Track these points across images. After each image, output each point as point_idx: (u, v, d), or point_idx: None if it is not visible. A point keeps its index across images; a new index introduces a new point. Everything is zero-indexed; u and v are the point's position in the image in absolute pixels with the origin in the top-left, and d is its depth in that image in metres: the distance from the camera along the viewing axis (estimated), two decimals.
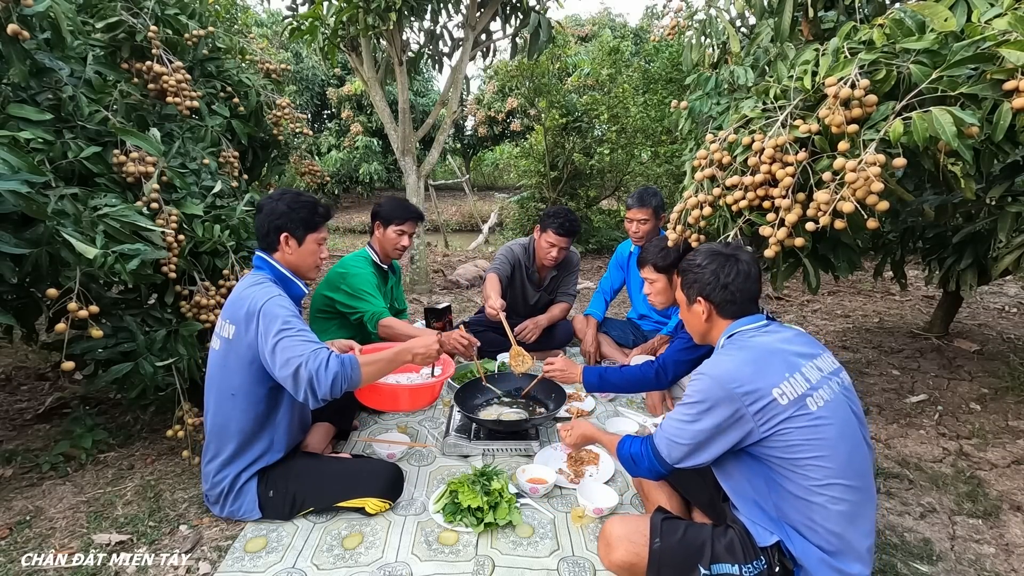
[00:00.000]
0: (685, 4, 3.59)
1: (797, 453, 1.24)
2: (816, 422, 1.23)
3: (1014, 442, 2.44)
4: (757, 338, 1.38)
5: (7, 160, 1.60)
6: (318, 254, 1.90)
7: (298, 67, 13.13)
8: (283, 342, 1.60)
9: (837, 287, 5.34)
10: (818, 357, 1.35)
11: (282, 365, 1.59)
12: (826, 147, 1.61)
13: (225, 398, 1.75)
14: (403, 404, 2.07)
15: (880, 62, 1.54)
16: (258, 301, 1.67)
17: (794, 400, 1.24)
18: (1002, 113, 1.38)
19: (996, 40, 1.37)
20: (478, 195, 13.84)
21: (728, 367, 1.30)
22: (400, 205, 2.73)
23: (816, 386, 1.27)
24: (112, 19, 2.42)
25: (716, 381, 1.29)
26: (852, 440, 1.27)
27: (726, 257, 1.46)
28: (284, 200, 1.82)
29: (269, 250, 1.85)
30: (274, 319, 1.63)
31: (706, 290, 1.46)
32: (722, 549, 1.28)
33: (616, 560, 1.35)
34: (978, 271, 2.83)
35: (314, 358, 1.58)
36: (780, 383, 1.25)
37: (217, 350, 1.77)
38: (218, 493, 1.80)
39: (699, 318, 1.50)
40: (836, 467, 1.22)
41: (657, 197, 2.96)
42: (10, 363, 3.28)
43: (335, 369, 1.59)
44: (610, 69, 7.13)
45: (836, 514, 1.23)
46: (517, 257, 3.26)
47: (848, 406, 1.31)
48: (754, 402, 1.25)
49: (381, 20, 4.12)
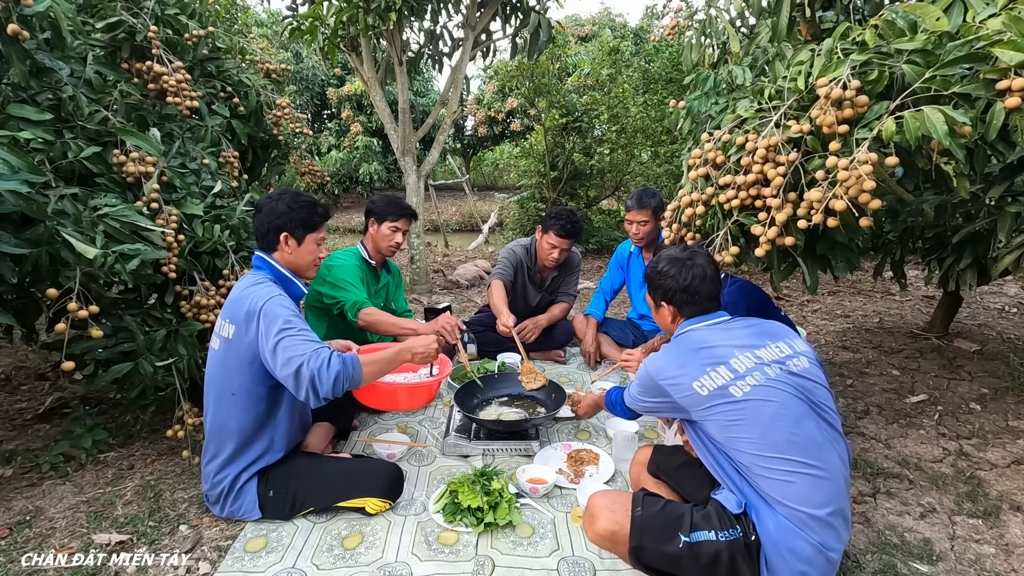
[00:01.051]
0: (685, 4, 3.59)
1: (730, 433, 1.38)
2: (740, 407, 1.35)
3: (1014, 442, 2.44)
4: (696, 335, 1.52)
5: (7, 160, 1.60)
6: (317, 254, 1.91)
7: (298, 67, 13.12)
8: (284, 341, 1.61)
9: (837, 287, 5.34)
10: (763, 347, 1.44)
11: (283, 364, 1.60)
12: (818, 147, 1.61)
13: (225, 398, 1.75)
14: (401, 403, 2.07)
15: (872, 62, 1.54)
16: (258, 300, 1.67)
17: (714, 391, 1.38)
18: (995, 112, 1.38)
19: (990, 40, 1.37)
20: (478, 195, 13.83)
21: (659, 363, 1.51)
22: (393, 202, 2.71)
23: (743, 375, 1.38)
24: (112, 19, 2.42)
25: (648, 372, 1.53)
26: (788, 419, 1.34)
27: (683, 261, 1.59)
28: (284, 200, 1.82)
29: (268, 250, 1.85)
30: (275, 318, 1.64)
31: (668, 294, 1.60)
32: (700, 519, 1.36)
33: (599, 529, 1.43)
34: (978, 271, 2.82)
35: (316, 357, 1.59)
36: (700, 376, 1.40)
37: (216, 350, 1.77)
38: (218, 493, 1.80)
39: (666, 319, 1.67)
40: (771, 445, 1.32)
41: (656, 198, 2.96)
42: (10, 363, 3.28)
43: (337, 368, 1.60)
44: (610, 69, 7.13)
45: (786, 486, 1.30)
46: (519, 258, 3.25)
47: (789, 390, 1.37)
48: (678, 391, 1.44)
49: (381, 20, 4.12)
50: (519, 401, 2.56)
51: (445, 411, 2.63)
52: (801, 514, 1.28)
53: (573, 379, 3.09)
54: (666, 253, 1.65)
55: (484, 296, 5.31)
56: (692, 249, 1.64)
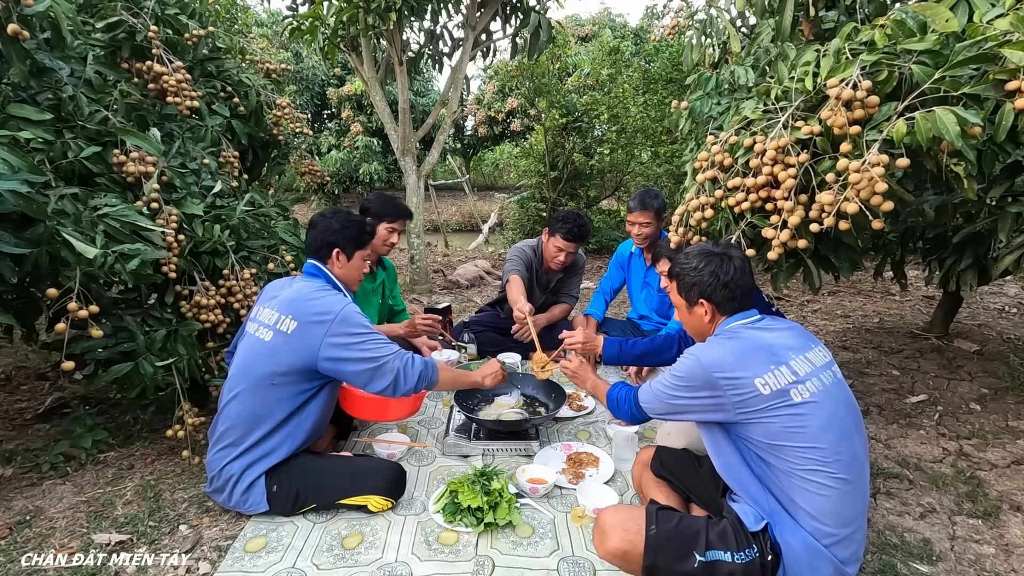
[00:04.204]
0: (685, 4, 3.60)
1: (778, 440, 1.29)
2: (799, 412, 1.28)
3: (1014, 442, 2.44)
4: (748, 331, 1.42)
5: (7, 160, 1.60)
6: (363, 269, 2.07)
7: (298, 67, 13.12)
8: (367, 344, 1.76)
9: (837, 287, 5.34)
10: (810, 351, 1.38)
11: (366, 360, 1.74)
12: (828, 148, 1.60)
13: (263, 387, 1.76)
14: (391, 413, 2.08)
15: (882, 63, 1.54)
16: (334, 305, 1.78)
17: (776, 391, 1.29)
18: (1004, 113, 1.38)
19: (998, 40, 1.37)
20: (478, 195, 13.84)
21: (714, 353, 1.37)
22: (390, 202, 2.71)
23: (803, 379, 1.31)
24: (112, 19, 2.42)
25: (700, 364, 1.37)
26: (838, 432, 1.29)
27: (720, 256, 1.49)
28: (337, 219, 1.98)
29: (321, 261, 1.97)
30: (354, 324, 1.78)
31: (707, 291, 1.48)
32: (715, 537, 1.31)
33: (611, 548, 1.37)
34: (978, 271, 2.82)
35: (400, 356, 1.80)
36: (764, 374, 1.30)
37: (267, 341, 1.78)
38: (226, 481, 1.78)
39: (701, 320, 1.54)
40: (818, 457, 1.26)
41: (659, 199, 2.96)
42: (10, 363, 3.27)
43: (420, 367, 1.83)
44: (610, 69, 7.13)
45: (820, 499, 1.26)
46: (529, 258, 3.25)
47: (839, 400, 1.33)
48: (734, 389, 1.31)
49: (381, 20, 4.12)
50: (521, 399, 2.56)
51: (445, 411, 2.63)
52: (828, 530, 1.25)
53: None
54: (695, 249, 1.54)
55: (484, 296, 5.31)
56: (724, 243, 1.56)
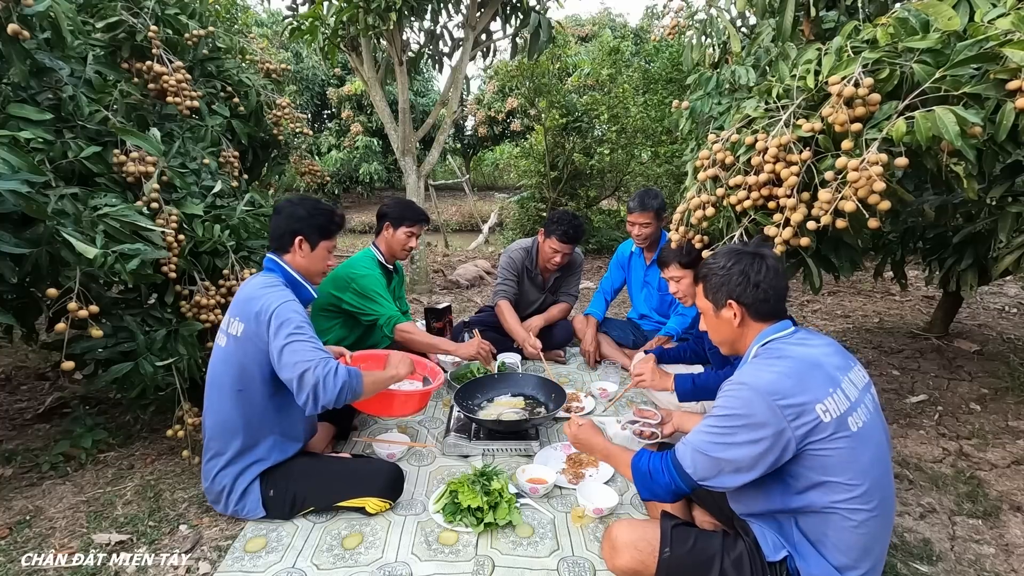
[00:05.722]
0: (685, 4, 3.59)
1: (827, 475, 1.16)
2: (854, 444, 1.15)
3: (1014, 442, 2.44)
4: (793, 347, 1.26)
5: (7, 160, 1.60)
6: (327, 260, 1.97)
7: (298, 67, 13.12)
8: (293, 345, 1.65)
9: (837, 287, 5.34)
10: (851, 370, 1.26)
11: (290, 367, 1.64)
12: (830, 146, 1.61)
13: (230, 394, 1.75)
14: (395, 410, 2.09)
15: (883, 61, 1.54)
16: (272, 303, 1.70)
17: (837, 418, 1.15)
18: (1005, 113, 1.38)
19: (999, 40, 1.37)
20: (478, 195, 13.83)
21: (769, 377, 1.18)
22: (410, 207, 2.78)
23: (855, 404, 1.19)
24: (112, 19, 2.42)
25: (756, 392, 1.17)
26: (883, 466, 1.21)
27: (752, 255, 1.35)
28: (304, 205, 1.89)
29: (280, 252, 1.90)
30: (287, 323, 1.68)
31: (736, 291, 1.34)
32: (730, 565, 1.25)
33: (620, 566, 1.34)
34: (978, 271, 2.82)
35: (323, 365, 1.64)
36: (824, 399, 1.15)
37: (223, 347, 1.78)
38: (219, 491, 1.80)
39: (730, 324, 1.37)
40: (860, 493, 1.16)
41: (659, 199, 2.96)
42: (10, 363, 3.27)
43: (343, 379, 1.65)
44: (610, 69, 7.13)
45: (854, 536, 1.18)
46: (519, 265, 3.25)
47: (882, 428, 1.24)
48: (796, 418, 1.14)
49: (381, 20, 4.11)
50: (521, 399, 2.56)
51: (445, 411, 2.63)
52: (854, 565, 1.20)
53: (573, 379, 3.08)
54: (724, 249, 1.42)
55: (484, 296, 5.31)
56: (755, 242, 1.47)
